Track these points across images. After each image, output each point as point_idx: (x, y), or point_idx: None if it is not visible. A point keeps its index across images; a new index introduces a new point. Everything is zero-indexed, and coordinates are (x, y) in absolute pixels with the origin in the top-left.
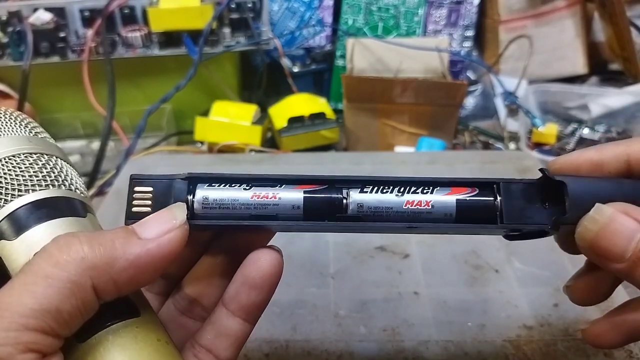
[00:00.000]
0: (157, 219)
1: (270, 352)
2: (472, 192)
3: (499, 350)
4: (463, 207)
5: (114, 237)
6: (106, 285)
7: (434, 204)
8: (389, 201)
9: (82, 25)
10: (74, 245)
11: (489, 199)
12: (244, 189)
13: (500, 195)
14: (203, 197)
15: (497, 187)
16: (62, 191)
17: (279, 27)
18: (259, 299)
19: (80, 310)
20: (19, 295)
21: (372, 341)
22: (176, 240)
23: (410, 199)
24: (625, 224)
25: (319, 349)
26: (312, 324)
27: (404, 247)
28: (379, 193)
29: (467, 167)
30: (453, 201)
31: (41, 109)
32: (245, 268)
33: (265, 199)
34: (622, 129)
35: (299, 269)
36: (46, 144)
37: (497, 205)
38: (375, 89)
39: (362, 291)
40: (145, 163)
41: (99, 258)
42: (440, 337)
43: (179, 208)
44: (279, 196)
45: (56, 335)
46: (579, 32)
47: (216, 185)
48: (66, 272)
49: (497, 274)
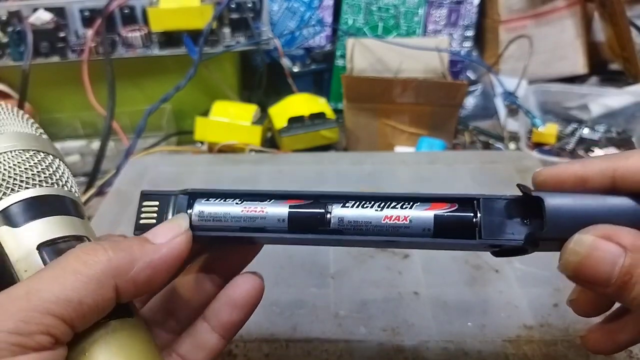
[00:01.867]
0: (166, 226)
1: (270, 352)
2: (451, 207)
3: (499, 350)
4: (441, 222)
5: (132, 243)
6: (127, 285)
7: (412, 218)
8: (368, 216)
9: (82, 25)
10: (100, 249)
11: (467, 215)
12: (236, 203)
13: (480, 212)
14: (199, 211)
15: (477, 203)
16: (66, 192)
17: (279, 27)
18: (239, 318)
19: (98, 306)
20: (48, 284)
21: (372, 341)
22: (183, 244)
23: (389, 214)
24: (607, 249)
25: (319, 349)
26: (312, 323)
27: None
28: (360, 208)
29: (467, 167)
30: (431, 216)
31: (41, 108)
32: (230, 289)
33: (254, 212)
34: (622, 129)
35: (299, 269)
36: (50, 145)
37: (477, 221)
38: (375, 89)
39: (362, 291)
40: (145, 163)
41: (121, 261)
42: (440, 337)
43: (183, 217)
44: (266, 210)
45: (72, 326)
46: (579, 32)
47: (212, 199)
48: (93, 271)
49: (497, 274)
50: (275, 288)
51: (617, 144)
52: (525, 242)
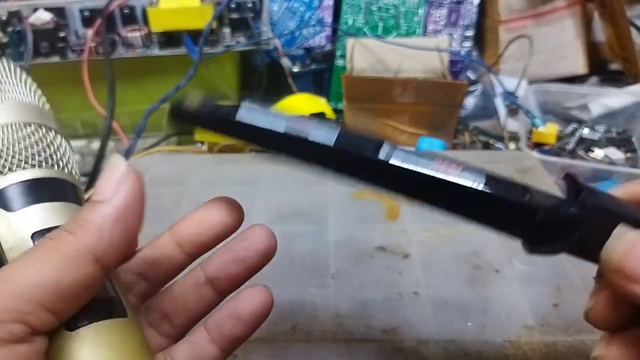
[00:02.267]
0: (106, 177)
1: (270, 352)
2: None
3: (499, 351)
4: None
5: (86, 214)
6: (105, 252)
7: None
8: (420, 160)
9: (82, 25)
10: (63, 231)
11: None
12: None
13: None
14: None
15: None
16: (67, 175)
17: (279, 27)
18: (243, 333)
19: (80, 284)
20: (21, 268)
21: (372, 341)
22: (131, 184)
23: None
24: None
25: (319, 349)
26: (312, 323)
27: (404, 247)
28: (412, 154)
29: None
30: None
31: None
32: (237, 301)
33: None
34: (622, 129)
35: (299, 269)
36: (53, 118)
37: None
38: (375, 89)
39: (362, 291)
40: (146, 163)
41: (87, 234)
42: (440, 337)
43: (117, 159)
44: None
45: (54, 311)
46: (579, 32)
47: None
48: (65, 250)
49: (497, 274)
50: (276, 288)
51: (617, 144)
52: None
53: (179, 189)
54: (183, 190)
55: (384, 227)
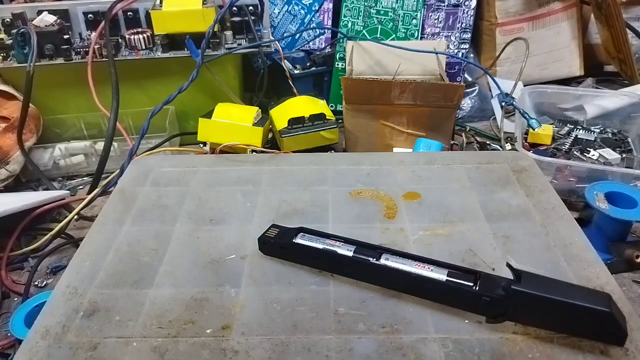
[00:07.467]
0: None
1: (270, 350)
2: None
3: (496, 348)
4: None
5: None
6: None
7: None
8: (405, 262)
9: (86, 27)
10: None
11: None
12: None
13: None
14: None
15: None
16: None
17: (279, 30)
18: None
19: None
20: None
21: (371, 338)
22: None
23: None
24: None
25: (318, 346)
26: (312, 321)
27: (403, 246)
28: (401, 257)
29: (464, 168)
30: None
31: (46, 110)
32: None
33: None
34: (618, 129)
35: (300, 267)
36: None
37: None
38: (374, 90)
39: (361, 289)
40: (149, 163)
41: None
42: (438, 334)
43: None
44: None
45: None
46: (574, 35)
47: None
48: None
49: (493, 272)
50: (276, 286)
51: (613, 145)
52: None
53: (181, 188)
54: (186, 190)
55: (382, 226)
